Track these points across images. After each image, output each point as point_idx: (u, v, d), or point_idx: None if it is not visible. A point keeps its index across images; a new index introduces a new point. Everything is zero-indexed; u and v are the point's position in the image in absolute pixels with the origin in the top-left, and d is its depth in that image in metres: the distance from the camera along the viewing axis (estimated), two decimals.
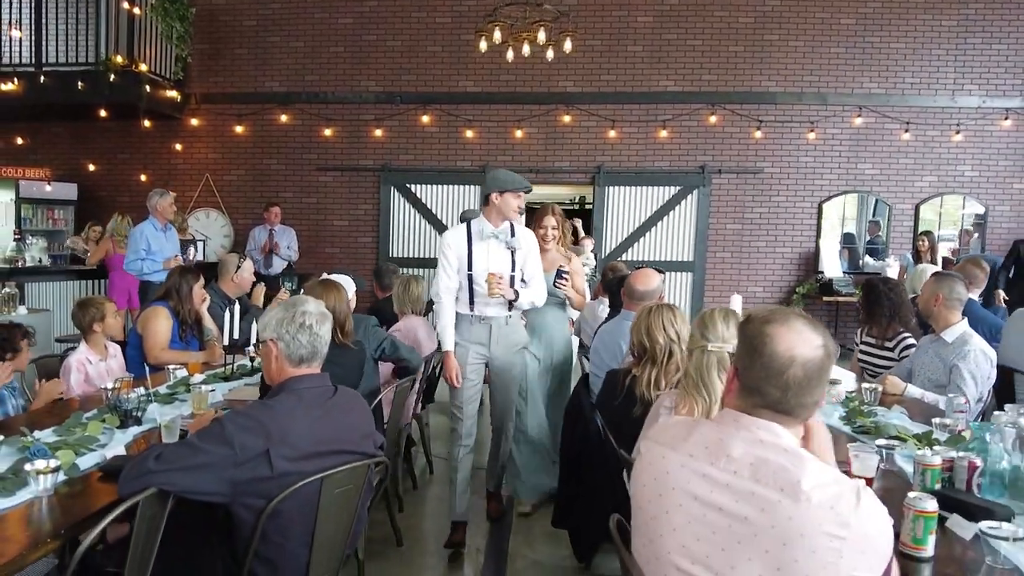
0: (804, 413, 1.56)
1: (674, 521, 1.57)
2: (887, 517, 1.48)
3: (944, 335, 3.85)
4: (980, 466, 2.19)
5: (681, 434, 1.65)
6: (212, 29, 9.30)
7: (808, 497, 1.42)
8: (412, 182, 9.34)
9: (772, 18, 8.78)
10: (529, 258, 3.85)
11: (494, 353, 3.86)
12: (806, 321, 1.57)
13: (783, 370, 1.51)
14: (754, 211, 9.12)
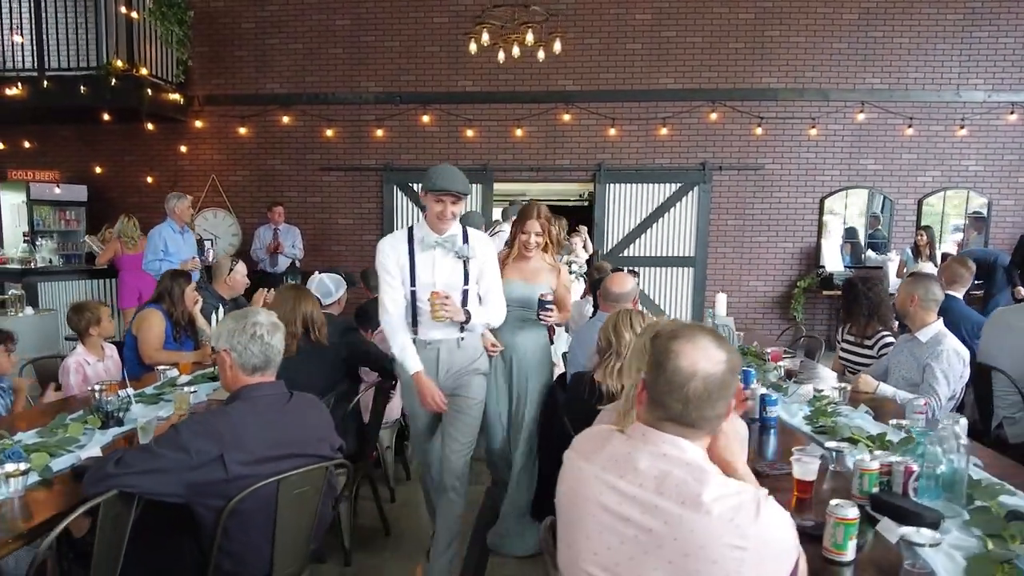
0: (707, 426, 1.60)
1: (587, 529, 1.61)
2: (788, 525, 1.52)
3: (919, 335, 3.86)
4: (916, 470, 2.21)
5: (595, 446, 1.70)
6: (212, 32, 9.41)
7: (708, 510, 1.46)
8: (414, 181, 9.39)
9: (773, 14, 8.73)
10: (486, 269, 3.31)
11: (444, 383, 3.30)
12: (712, 338, 1.61)
13: (685, 384, 1.55)
14: (755, 207, 9.10)
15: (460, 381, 3.33)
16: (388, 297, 3.24)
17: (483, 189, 9.33)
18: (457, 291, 3.23)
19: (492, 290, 3.35)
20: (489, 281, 3.34)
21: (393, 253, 3.23)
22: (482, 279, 3.32)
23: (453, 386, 3.32)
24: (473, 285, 3.30)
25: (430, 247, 3.20)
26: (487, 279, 3.34)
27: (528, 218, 3.77)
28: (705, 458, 1.59)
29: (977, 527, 2.05)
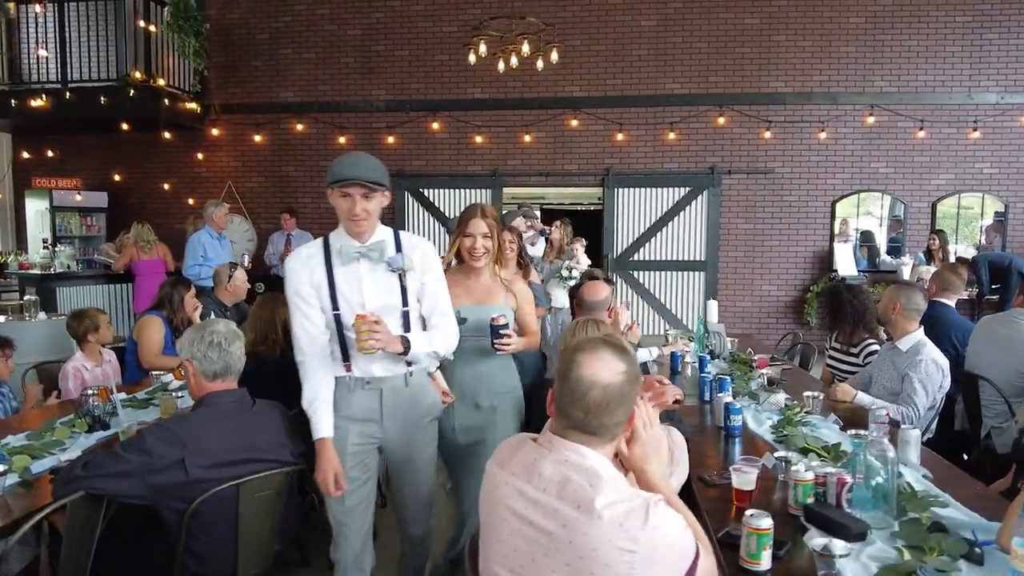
0: (608, 433, 1.67)
1: (499, 533, 1.70)
2: (679, 530, 1.58)
3: (899, 343, 3.86)
4: (849, 482, 2.24)
5: (509, 453, 1.78)
6: (227, 43, 9.64)
7: (600, 515, 1.53)
8: (425, 187, 9.53)
9: (779, 19, 8.71)
10: (429, 283, 2.64)
11: (389, 432, 2.65)
12: (614, 350, 1.68)
13: (585, 393, 1.63)
14: (766, 211, 9.07)
15: (411, 435, 2.68)
16: (301, 329, 2.54)
17: (493, 194, 9.42)
18: (394, 314, 2.57)
19: (439, 309, 2.68)
20: (434, 298, 2.67)
21: (305, 272, 2.53)
22: (424, 296, 2.65)
23: (401, 442, 2.67)
24: (415, 304, 2.64)
25: (352, 259, 2.51)
26: (431, 296, 2.66)
27: (471, 217, 3.06)
28: (606, 465, 1.65)
29: (903, 538, 2.07)
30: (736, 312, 9.16)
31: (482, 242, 3.06)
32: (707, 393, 3.74)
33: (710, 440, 3.21)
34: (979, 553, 1.94)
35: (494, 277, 3.19)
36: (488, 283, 3.18)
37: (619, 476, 1.66)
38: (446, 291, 2.75)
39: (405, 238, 2.65)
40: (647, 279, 9.35)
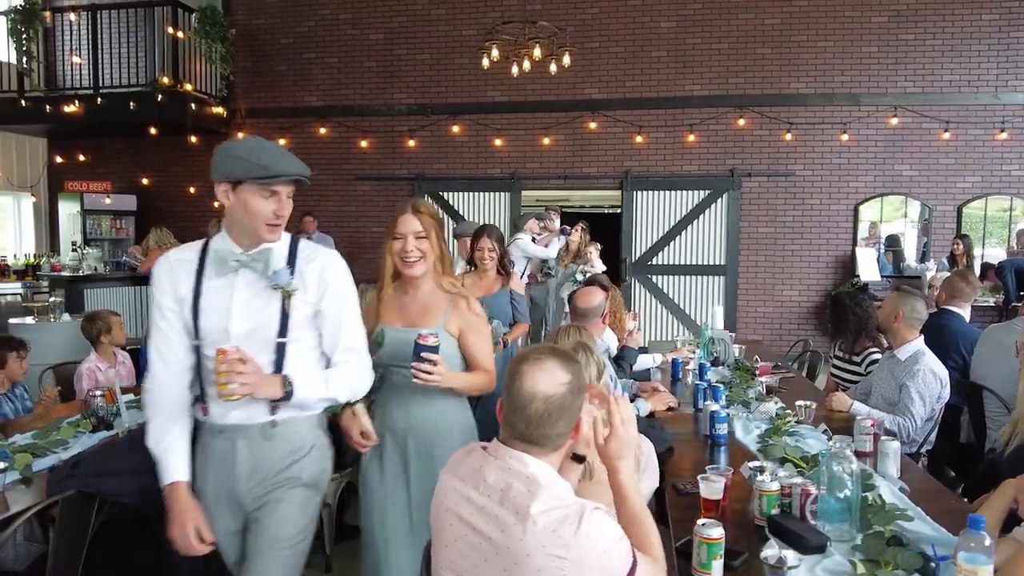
0: (550, 444, 1.70)
1: (446, 538, 1.75)
2: (613, 539, 1.61)
3: (898, 352, 3.82)
4: (814, 493, 2.24)
5: (459, 460, 1.83)
6: (253, 48, 9.83)
7: (535, 521, 1.57)
8: (445, 190, 9.62)
9: (799, 19, 8.61)
10: (330, 308, 2.13)
11: (244, 498, 2.12)
12: (560, 361, 1.71)
13: (527, 405, 1.66)
14: (787, 214, 8.98)
15: (269, 498, 2.11)
16: (156, 352, 2.09)
17: (512, 197, 9.47)
18: (266, 346, 2.06)
19: (343, 343, 2.16)
20: (335, 329, 2.15)
21: (169, 281, 2.09)
22: (324, 325, 2.14)
23: (257, 504, 2.12)
24: (303, 335, 2.11)
25: (229, 270, 2.05)
26: (332, 326, 2.15)
27: (400, 214, 2.52)
28: (548, 473, 1.68)
29: (862, 552, 2.08)
30: (757, 317, 9.08)
31: (415, 244, 2.45)
32: (700, 401, 3.74)
33: (695, 448, 3.23)
34: (933, 568, 1.93)
35: (436, 290, 2.54)
36: (426, 298, 2.54)
37: (561, 483, 1.70)
38: (356, 319, 2.21)
39: (304, 249, 2.17)
40: (666, 283, 9.32)
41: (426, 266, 2.50)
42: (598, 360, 2.39)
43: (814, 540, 2.08)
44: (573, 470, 1.97)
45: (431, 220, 2.52)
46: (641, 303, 9.35)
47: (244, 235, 2.08)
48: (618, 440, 1.80)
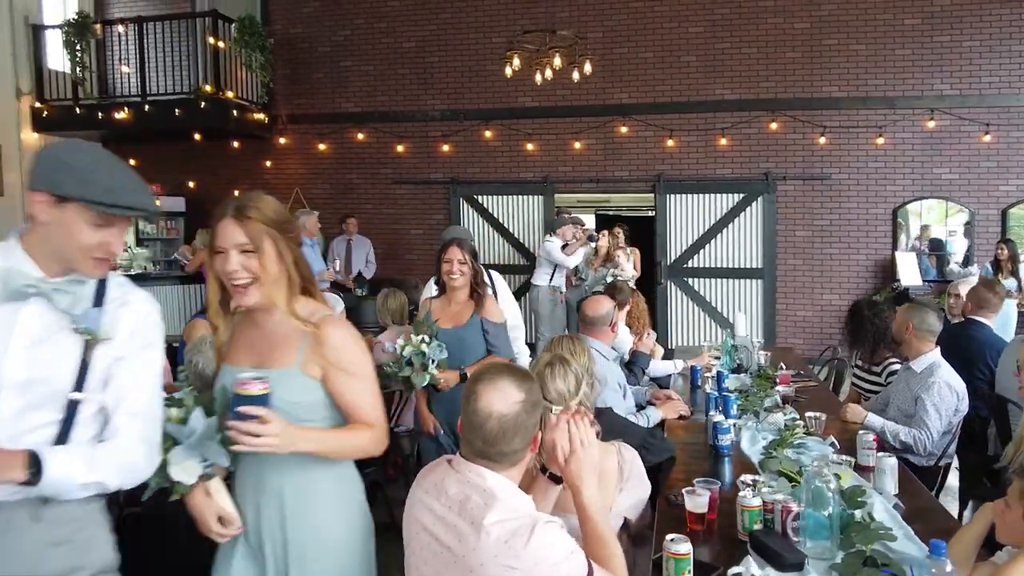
0: (507, 460, 1.78)
1: (413, 546, 1.84)
2: (564, 552, 1.68)
3: (913, 364, 3.80)
4: (795, 510, 2.27)
5: (426, 473, 1.92)
6: (292, 56, 10.08)
7: (488, 531, 1.65)
8: (479, 193, 9.73)
9: (829, 23, 8.50)
10: (125, 361, 1.68)
11: None
12: (514, 379, 1.78)
13: (483, 424, 1.74)
14: (824, 218, 8.86)
15: None
16: None
17: (544, 201, 9.54)
18: (53, 402, 1.62)
19: (126, 406, 1.67)
20: (122, 386, 1.68)
21: None
22: (111, 379, 1.68)
23: None
24: (96, 392, 1.66)
25: (19, 295, 1.59)
26: (119, 382, 1.68)
27: (218, 219, 1.84)
28: (505, 486, 1.76)
29: (839, 571, 2.10)
30: (796, 321, 9.00)
31: (239, 260, 1.79)
32: (710, 410, 3.76)
33: (698, 459, 3.25)
34: None
35: (287, 319, 1.85)
36: (277, 330, 1.89)
37: (518, 497, 1.77)
38: (152, 379, 1.73)
39: (115, 287, 1.73)
40: (702, 286, 9.28)
41: (262, 290, 1.83)
42: (576, 372, 2.43)
43: (791, 558, 2.11)
44: (551, 491, 2.03)
45: (264, 227, 1.81)
46: (677, 306, 9.34)
47: (54, 260, 1.64)
48: (578, 462, 1.87)
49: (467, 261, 3.44)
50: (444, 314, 3.52)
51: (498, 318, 3.56)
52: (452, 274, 3.44)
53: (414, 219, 10.04)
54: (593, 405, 3.01)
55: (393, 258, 9.93)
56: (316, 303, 1.95)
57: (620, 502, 2.38)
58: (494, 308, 3.57)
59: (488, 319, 3.51)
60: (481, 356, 3.51)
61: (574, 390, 2.38)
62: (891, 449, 3.43)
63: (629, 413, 3.68)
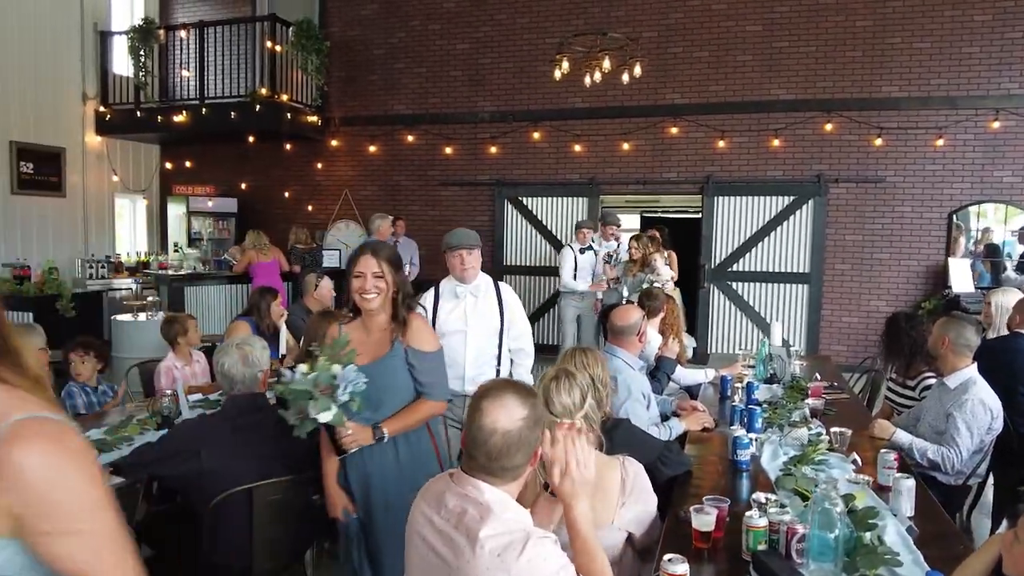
0: (509, 475, 1.81)
1: (412, 556, 1.89)
2: (555, 567, 1.70)
3: (948, 380, 3.66)
4: (801, 532, 2.22)
5: (429, 486, 1.96)
6: (347, 59, 10.27)
7: (482, 544, 1.68)
8: (524, 195, 9.76)
9: (893, 20, 8.21)
10: None
11: None
12: (518, 396, 1.81)
13: (487, 440, 1.77)
14: (876, 222, 8.60)
15: None
16: None
17: (589, 202, 9.50)
18: None
19: None
20: None
21: None
22: None
23: None
24: None
25: None
26: None
27: None
28: (502, 500, 1.79)
29: None
30: (841, 328, 8.76)
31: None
32: (734, 422, 3.71)
33: (715, 474, 3.20)
34: None
35: None
36: None
37: (514, 511, 1.79)
38: None
39: None
40: (746, 291, 9.11)
41: None
42: (582, 386, 2.42)
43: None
44: (555, 509, 2.04)
45: None
46: (720, 310, 9.19)
47: None
48: (571, 481, 1.88)
49: (385, 274, 2.67)
50: (362, 347, 2.65)
51: (429, 345, 2.78)
52: (365, 293, 2.65)
53: (458, 220, 10.09)
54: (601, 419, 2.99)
55: (436, 261, 9.98)
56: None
57: (622, 515, 2.37)
58: (424, 333, 2.80)
59: (416, 347, 2.72)
60: (406, 400, 2.74)
61: (579, 404, 2.38)
62: (918, 467, 3.33)
63: (652, 424, 3.65)
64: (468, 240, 3.74)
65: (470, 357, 3.78)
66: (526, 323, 4.04)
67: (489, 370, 3.83)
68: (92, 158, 10.20)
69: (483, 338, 3.80)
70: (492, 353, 3.84)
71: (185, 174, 11.05)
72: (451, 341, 3.66)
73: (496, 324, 3.84)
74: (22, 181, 9.21)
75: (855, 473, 3.07)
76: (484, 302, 3.82)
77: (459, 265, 3.73)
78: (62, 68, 9.72)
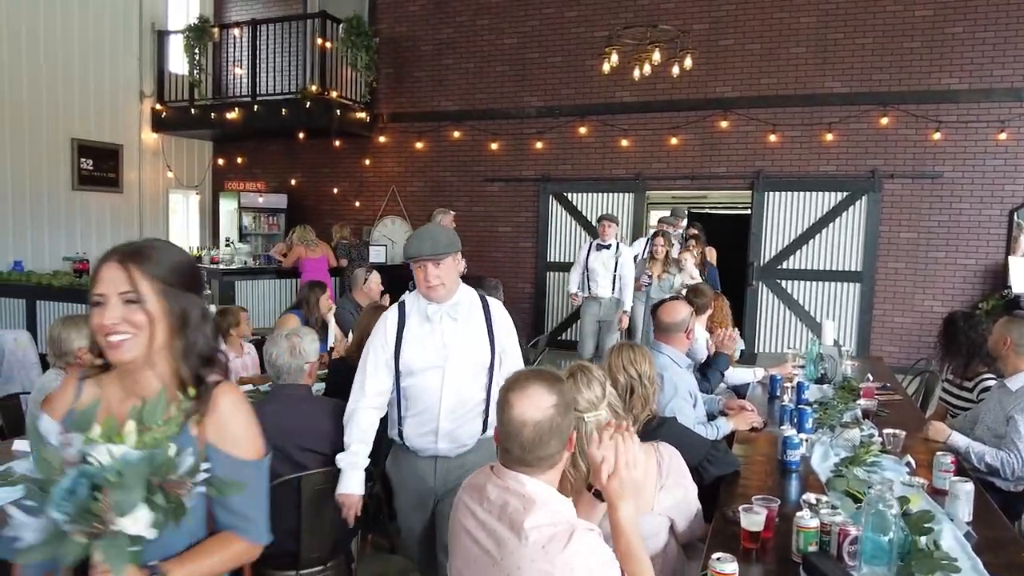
0: (545, 463, 1.80)
1: (456, 549, 1.90)
2: (599, 562, 1.69)
3: (1009, 382, 3.54)
4: (853, 534, 2.17)
5: (470, 480, 1.96)
6: (395, 55, 10.36)
7: (527, 536, 1.68)
8: (569, 191, 9.71)
9: (955, 10, 7.94)
10: None
11: None
12: (543, 383, 1.81)
13: (518, 432, 1.77)
14: (932, 219, 8.34)
15: None
16: None
17: (635, 198, 9.42)
18: None
19: None
20: None
21: None
22: None
23: None
24: None
25: None
26: None
27: None
28: (544, 491, 1.78)
29: None
30: (894, 328, 8.53)
31: None
32: (783, 422, 3.64)
33: (764, 474, 3.15)
34: None
35: None
36: None
37: (557, 501, 1.78)
38: None
39: None
40: (796, 289, 8.94)
41: None
42: (599, 378, 2.37)
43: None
44: (596, 509, 2.02)
45: None
46: (767, 309, 9.03)
47: None
48: (619, 481, 1.86)
49: (145, 299, 1.50)
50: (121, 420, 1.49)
51: (246, 446, 1.60)
52: (109, 332, 1.48)
53: (503, 216, 10.13)
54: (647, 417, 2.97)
55: (480, 257, 10.02)
56: None
57: (661, 500, 2.38)
58: (239, 422, 1.61)
59: (221, 448, 1.56)
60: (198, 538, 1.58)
61: (601, 395, 2.35)
62: (975, 471, 3.23)
63: (698, 423, 3.61)
64: (431, 247, 2.69)
65: (447, 404, 2.77)
66: (519, 354, 3.03)
67: (473, 423, 2.84)
68: (148, 155, 10.48)
69: (467, 377, 2.81)
70: (478, 399, 2.83)
71: (237, 170, 11.29)
72: (421, 381, 2.78)
73: (485, 358, 2.84)
74: (82, 177, 9.53)
75: (909, 476, 3.01)
76: (468, 327, 2.83)
77: (422, 280, 2.73)
78: (121, 67, 10.01)
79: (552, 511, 1.73)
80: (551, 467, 1.82)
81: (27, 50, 8.89)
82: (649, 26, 6.79)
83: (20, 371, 4.89)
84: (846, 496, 2.72)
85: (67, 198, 9.39)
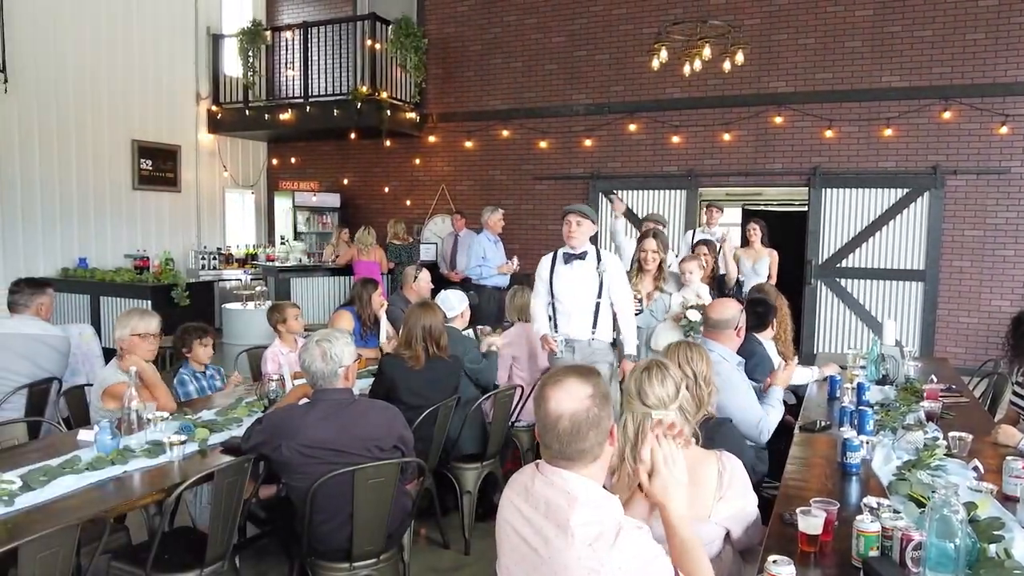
0: (586, 456, 1.76)
1: (503, 546, 1.88)
2: (647, 560, 1.65)
3: None
4: (916, 539, 2.08)
5: (517, 476, 1.94)
6: (444, 55, 10.41)
7: (573, 534, 1.66)
8: (619, 188, 9.63)
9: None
10: None
11: None
12: (578, 375, 1.78)
13: (555, 425, 1.74)
14: (999, 216, 8.04)
15: None
16: None
17: (687, 195, 9.29)
18: None
19: None
20: None
21: None
22: None
23: None
24: None
25: None
26: None
27: None
28: (587, 487, 1.75)
29: None
30: (959, 329, 8.24)
31: None
32: (843, 424, 3.53)
33: (824, 476, 3.05)
34: None
35: None
36: None
37: (601, 498, 1.75)
38: None
39: None
40: (855, 288, 8.70)
41: None
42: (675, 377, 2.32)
43: None
44: (649, 509, 1.98)
45: None
46: (826, 309, 8.81)
47: None
48: (661, 480, 1.83)
49: None
50: None
51: None
52: None
53: (551, 215, 10.09)
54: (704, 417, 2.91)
55: (529, 254, 9.96)
56: None
57: (719, 510, 2.31)
58: None
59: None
60: None
61: (673, 395, 2.31)
62: None
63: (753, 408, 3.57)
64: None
65: None
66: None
67: None
68: (204, 155, 10.74)
69: None
70: None
71: (290, 170, 11.49)
72: None
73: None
74: (142, 177, 9.81)
75: (977, 481, 2.88)
76: None
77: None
78: (178, 71, 10.28)
79: (597, 508, 1.70)
80: (592, 461, 1.78)
81: (91, 56, 9.19)
82: (699, 22, 6.68)
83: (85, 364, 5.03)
84: (909, 500, 2.62)
85: (128, 197, 9.69)
